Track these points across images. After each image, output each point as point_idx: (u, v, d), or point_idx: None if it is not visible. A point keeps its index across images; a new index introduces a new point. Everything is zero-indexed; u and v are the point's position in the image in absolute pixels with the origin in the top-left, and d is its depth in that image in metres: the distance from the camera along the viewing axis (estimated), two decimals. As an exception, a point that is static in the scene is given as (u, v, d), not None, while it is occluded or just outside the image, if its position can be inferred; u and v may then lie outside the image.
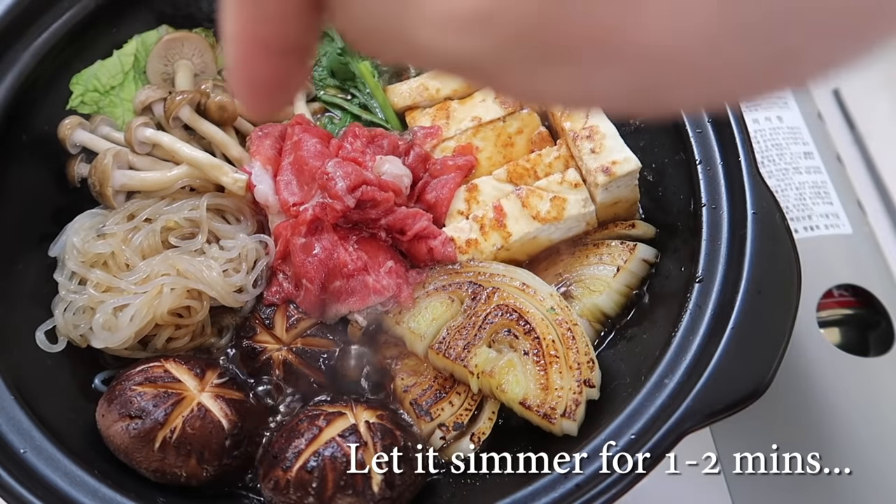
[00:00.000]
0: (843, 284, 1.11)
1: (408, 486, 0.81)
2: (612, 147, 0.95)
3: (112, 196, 0.96)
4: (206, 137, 1.04)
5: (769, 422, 0.98)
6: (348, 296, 0.92)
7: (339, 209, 0.91)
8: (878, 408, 1.02)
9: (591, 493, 0.74)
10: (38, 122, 1.00)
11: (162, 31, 1.10)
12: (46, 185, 1.01)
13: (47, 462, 0.78)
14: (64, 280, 0.93)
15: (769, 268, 0.84)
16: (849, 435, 0.99)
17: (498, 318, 0.89)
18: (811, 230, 1.15)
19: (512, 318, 0.89)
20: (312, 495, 0.78)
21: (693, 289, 0.86)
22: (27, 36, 0.98)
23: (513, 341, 0.89)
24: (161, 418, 0.81)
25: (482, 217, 0.96)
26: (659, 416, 0.78)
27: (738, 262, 0.85)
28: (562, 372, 0.86)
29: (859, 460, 0.97)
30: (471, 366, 0.88)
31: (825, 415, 1.01)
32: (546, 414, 0.84)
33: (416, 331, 0.91)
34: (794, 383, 1.03)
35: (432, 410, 0.89)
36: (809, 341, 1.06)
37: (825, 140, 1.26)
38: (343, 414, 0.84)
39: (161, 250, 0.95)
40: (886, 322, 1.08)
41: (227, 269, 0.94)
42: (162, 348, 0.94)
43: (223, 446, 0.83)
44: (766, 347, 0.80)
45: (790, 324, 0.81)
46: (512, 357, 0.88)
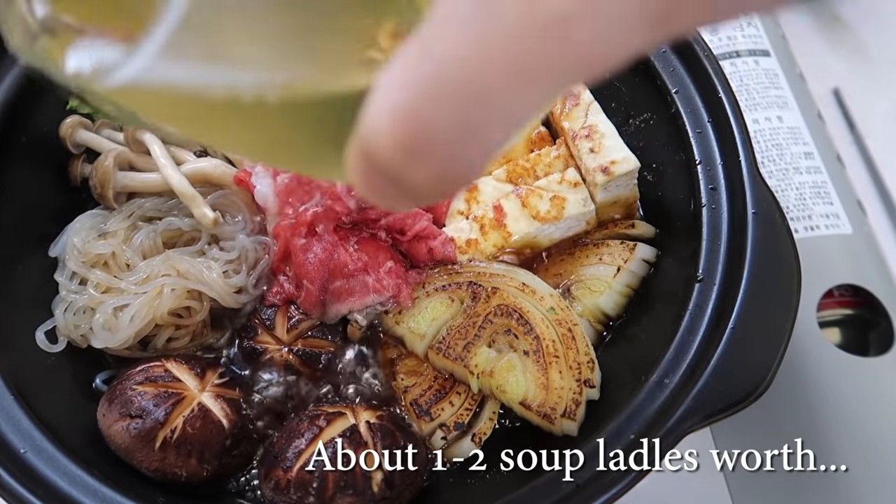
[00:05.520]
0: (843, 284, 1.11)
1: (408, 486, 0.82)
2: (611, 146, 0.95)
3: (113, 197, 0.96)
4: (206, 138, 1.04)
5: (769, 422, 0.98)
6: (348, 296, 0.92)
7: (340, 210, 0.91)
8: (878, 408, 1.02)
9: (591, 493, 0.74)
10: (38, 122, 1.00)
11: (162, 32, 1.10)
12: (46, 185, 1.01)
13: (47, 462, 0.78)
14: (64, 280, 0.93)
15: (769, 268, 0.84)
16: (849, 435, 0.99)
17: (498, 318, 0.90)
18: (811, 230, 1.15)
19: (512, 318, 0.89)
20: (313, 495, 0.78)
21: (693, 289, 0.86)
22: (27, 36, 0.98)
23: (513, 341, 0.89)
24: (161, 418, 0.81)
25: (482, 217, 0.97)
26: (659, 416, 0.78)
27: (738, 262, 0.85)
28: (562, 372, 0.86)
29: (859, 459, 0.97)
30: (471, 366, 0.88)
31: (825, 414, 1.01)
32: (546, 414, 0.84)
33: (416, 331, 0.92)
34: (794, 383, 1.03)
35: (432, 410, 0.89)
36: (809, 341, 1.06)
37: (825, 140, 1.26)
38: (343, 414, 0.84)
39: (162, 250, 0.95)
40: (886, 322, 1.08)
41: (228, 270, 0.94)
42: (162, 348, 0.94)
43: (223, 446, 0.83)
44: (766, 347, 0.80)
45: (790, 324, 0.81)
46: (512, 357, 0.88)
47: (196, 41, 0.31)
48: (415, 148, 0.30)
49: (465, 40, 0.28)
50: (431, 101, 0.29)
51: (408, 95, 0.29)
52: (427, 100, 0.29)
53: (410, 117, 0.29)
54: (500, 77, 0.29)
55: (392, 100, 0.30)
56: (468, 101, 0.29)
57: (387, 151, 0.30)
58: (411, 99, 0.29)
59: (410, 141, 0.30)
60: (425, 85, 0.29)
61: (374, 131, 0.30)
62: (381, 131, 0.30)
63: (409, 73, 0.29)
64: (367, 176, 0.33)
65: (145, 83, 0.32)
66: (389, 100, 0.30)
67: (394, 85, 0.30)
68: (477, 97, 0.29)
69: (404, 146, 0.30)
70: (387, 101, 0.30)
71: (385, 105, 0.30)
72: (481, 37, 0.28)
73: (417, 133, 0.29)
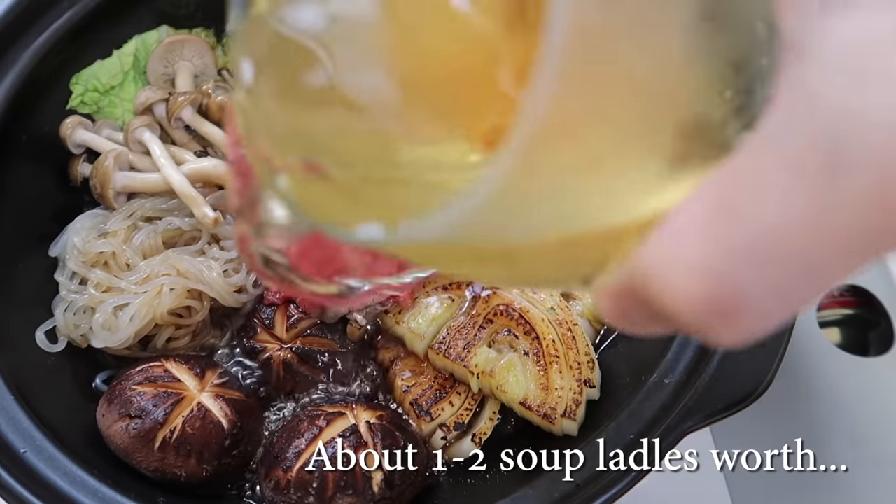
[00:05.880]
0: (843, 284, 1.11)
1: (408, 486, 0.82)
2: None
3: (113, 198, 0.96)
4: (206, 138, 1.04)
5: (769, 422, 0.98)
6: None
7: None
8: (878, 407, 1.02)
9: (591, 493, 0.74)
10: (39, 122, 1.00)
11: (162, 32, 1.10)
12: (47, 184, 1.01)
13: (47, 462, 0.78)
14: (65, 280, 0.93)
15: (769, 268, 0.84)
16: (849, 434, 0.99)
17: (498, 318, 0.90)
18: (811, 230, 1.15)
19: (512, 318, 0.89)
20: (313, 495, 0.78)
21: (693, 289, 0.85)
22: (27, 36, 0.98)
23: (513, 341, 0.89)
24: (161, 418, 0.81)
25: (482, 217, 0.96)
26: (659, 416, 0.78)
27: (738, 262, 0.85)
28: (562, 372, 0.86)
29: (858, 459, 0.97)
30: (471, 366, 0.88)
31: (825, 414, 1.01)
32: (546, 414, 0.84)
33: (416, 331, 0.92)
34: (794, 383, 1.03)
35: (432, 410, 0.89)
36: (809, 341, 1.06)
37: (825, 140, 1.26)
38: (343, 414, 0.84)
39: (162, 250, 0.95)
40: (886, 322, 1.08)
41: (228, 269, 0.94)
42: (162, 348, 0.94)
43: (223, 446, 0.83)
44: (767, 347, 0.80)
45: (790, 324, 0.81)
46: (512, 357, 0.88)
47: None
48: (720, 307, 0.27)
49: (795, 207, 0.26)
50: (748, 267, 0.27)
51: (717, 253, 0.27)
52: (743, 265, 0.27)
53: (720, 279, 0.27)
54: (832, 252, 0.26)
55: (694, 252, 0.27)
56: (793, 272, 0.27)
57: (685, 304, 0.28)
58: (720, 258, 0.27)
59: (716, 300, 0.27)
60: (742, 249, 0.26)
61: (667, 279, 0.28)
62: (678, 284, 0.28)
63: (720, 226, 0.27)
64: (630, 311, 0.31)
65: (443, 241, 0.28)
66: (688, 251, 0.27)
67: (695, 235, 0.27)
68: (804, 270, 0.27)
69: (707, 305, 0.27)
70: (685, 251, 0.27)
71: (683, 256, 0.27)
72: (817, 205, 0.25)
73: (726, 295, 0.27)
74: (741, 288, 0.27)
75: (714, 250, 0.27)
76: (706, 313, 0.28)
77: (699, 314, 0.28)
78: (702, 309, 0.28)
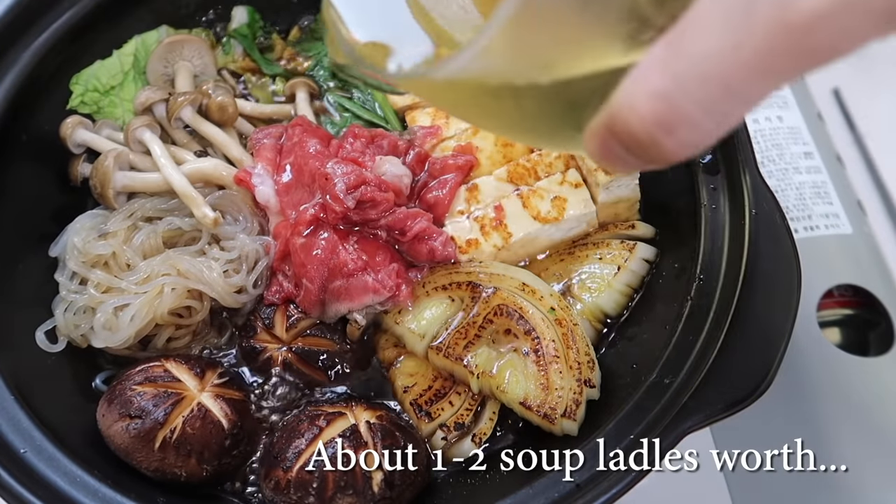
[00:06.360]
0: (843, 284, 1.11)
1: (408, 486, 0.82)
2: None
3: (113, 198, 0.96)
4: (206, 138, 1.04)
5: (769, 422, 0.98)
6: (348, 295, 0.92)
7: (339, 210, 0.91)
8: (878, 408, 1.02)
9: (591, 493, 0.74)
10: (39, 122, 1.00)
11: (162, 32, 1.10)
12: (47, 184, 1.01)
13: (47, 462, 0.78)
14: (65, 280, 0.93)
15: (769, 268, 0.84)
16: (849, 434, 0.99)
17: (498, 318, 0.89)
18: (811, 230, 1.15)
19: (512, 318, 0.89)
20: (313, 495, 0.78)
21: (693, 289, 0.86)
22: (27, 36, 0.98)
23: (513, 341, 0.89)
24: (161, 418, 0.81)
25: (483, 217, 0.96)
26: (659, 416, 0.78)
27: (737, 262, 0.85)
28: (562, 372, 0.86)
29: (859, 459, 0.97)
30: (471, 366, 0.88)
31: (825, 414, 1.01)
32: (546, 414, 0.84)
33: (416, 331, 0.91)
34: (794, 383, 1.03)
35: (432, 411, 0.89)
36: (809, 341, 1.06)
37: (825, 140, 1.26)
38: (343, 414, 0.84)
39: (162, 250, 0.95)
40: (886, 322, 1.08)
41: (228, 269, 0.94)
42: (162, 348, 0.94)
43: (223, 446, 0.83)
44: (766, 347, 0.80)
45: (790, 324, 0.81)
46: (512, 357, 0.88)
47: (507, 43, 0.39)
48: (666, 123, 0.37)
49: (720, 41, 0.34)
50: (685, 89, 0.36)
51: (665, 82, 0.36)
52: (681, 88, 0.36)
53: (666, 100, 0.37)
54: (747, 74, 0.34)
55: (651, 84, 0.37)
56: (717, 91, 0.35)
57: (641, 124, 0.38)
58: (668, 85, 0.36)
59: (663, 117, 0.37)
60: (682, 76, 0.36)
61: (631, 106, 0.38)
62: (638, 107, 0.38)
63: (669, 63, 0.36)
64: (608, 143, 0.40)
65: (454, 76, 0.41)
66: (648, 84, 0.37)
67: (653, 72, 0.37)
68: (725, 89, 0.35)
69: (657, 121, 0.37)
70: (645, 84, 0.37)
71: (643, 87, 0.37)
72: (735, 39, 0.34)
73: (670, 112, 0.37)
74: (678, 105, 0.36)
75: (662, 78, 0.36)
76: (653, 125, 0.37)
77: (652, 132, 0.38)
78: (652, 126, 0.38)
